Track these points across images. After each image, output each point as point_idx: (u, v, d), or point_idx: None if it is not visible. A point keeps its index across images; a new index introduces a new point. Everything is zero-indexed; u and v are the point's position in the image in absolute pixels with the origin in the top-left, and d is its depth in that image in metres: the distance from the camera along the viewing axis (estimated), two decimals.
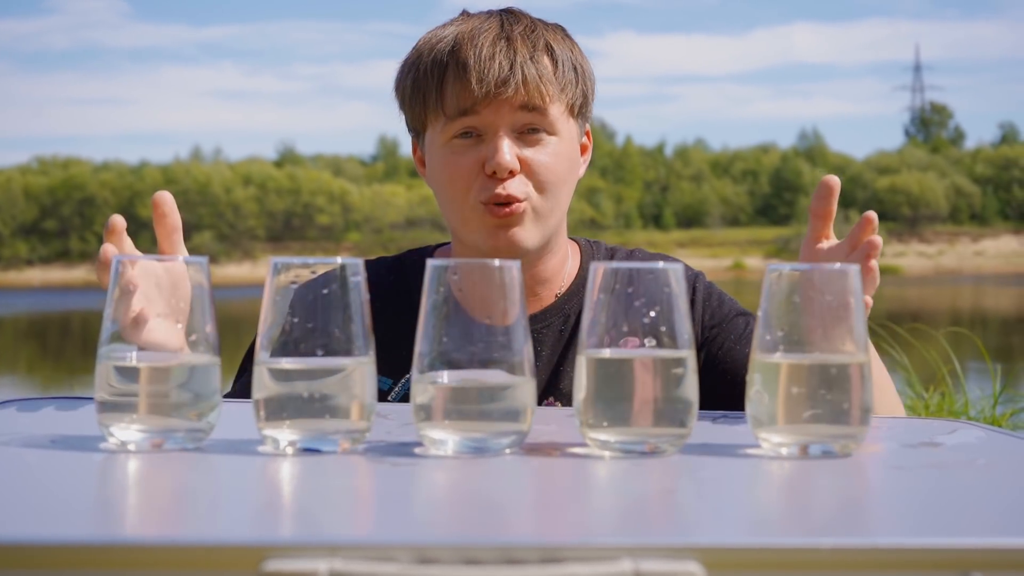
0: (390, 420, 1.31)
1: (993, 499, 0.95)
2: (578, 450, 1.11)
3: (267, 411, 1.09)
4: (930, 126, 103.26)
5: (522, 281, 1.10)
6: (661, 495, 0.97)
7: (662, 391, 1.07)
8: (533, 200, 1.67)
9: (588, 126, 1.79)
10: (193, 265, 1.14)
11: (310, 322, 1.08)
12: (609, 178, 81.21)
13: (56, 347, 21.43)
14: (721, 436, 1.25)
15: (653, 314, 1.07)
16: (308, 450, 1.08)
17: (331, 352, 1.08)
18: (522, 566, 0.75)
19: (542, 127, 1.67)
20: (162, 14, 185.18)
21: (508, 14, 1.72)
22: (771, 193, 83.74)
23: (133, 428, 1.10)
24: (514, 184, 1.66)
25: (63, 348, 20.97)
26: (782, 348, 1.10)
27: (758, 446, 1.12)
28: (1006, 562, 0.77)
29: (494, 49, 1.64)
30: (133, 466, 1.05)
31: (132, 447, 1.10)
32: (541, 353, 1.74)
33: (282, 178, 73.60)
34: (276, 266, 1.10)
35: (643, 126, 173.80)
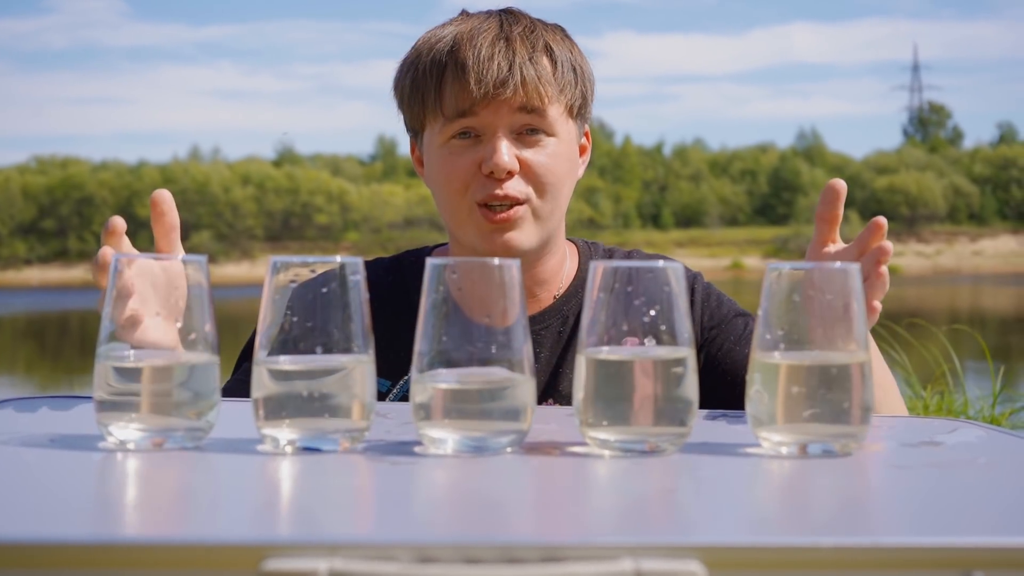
0: (390, 419, 1.31)
1: (994, 498, 0.95)
2: (578, 449, 1.11)
3: (266, 410, 1.08)
4: (928, 126, 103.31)
5: (522, 280, 1.09)
6: (661, 494, 0.97)
7: (662, 390, 1.07)
8: (532, 201, 1.67)
9: (587, 127, 1.79)
10: (192, 264, 1.14)
11: (309, 321, 1.08)
12: (607, 178, 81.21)
13: (54, 346, 21.42)
14: (721, 435, 1.25)
15: (653, 313, 1.07)
16: (308, 449, 1.08)
17: (330, 351, 1.08)
18: (522, 565, 0.75)
19: (541, 128, 1.67)
20: (161, 14, 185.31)
21: (507, 14, 1.71)
22: (769, 193, 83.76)
23: (132, 427, 1.10)
24: (513, 185, 1.65)
25: (61, 348, 20.96)
26: (782, 347, 1.10)
27: (758, 445, 1.12)
28: (1007, 561, 0.77)
29: (493, 50, 1.64)
30: (132, 465, 1.04)
31: (131, 446, 1.10)
32: (540, 355, 1.73)
33: (280, 178, 73.58)
34: (275, 265, 1.10)
35: (642, 126, 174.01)
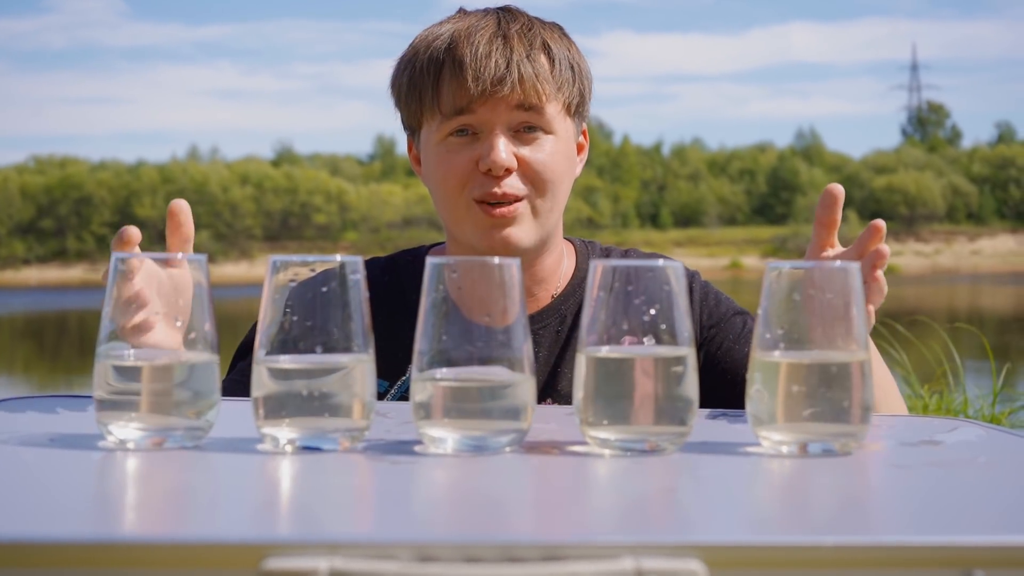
0: (389, 418, 1.31)
1: (994, 497, 0.95)
2: (578, 448, 1.11)
3: (266, 409, 1.08)
4: (927, 125, 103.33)
5: (522, 279, 1.09)
6: (662, 493, 0.97)
7: (662, 389, 1.07)
8: (530, 199, 1.66)
9: (585, 125, 1.78)
10: (192, 263, 1.14)
11: (309, 320, 1.08)
12: (606, 177, 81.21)
13: (53, 346, 21.42)
14: (721, 434, 1.25)
15: (653, 312, 1.07)
16: (308, 448, 1.08)
17: (330, 350, 1.08)
18: (523, 564, 0.75)
19: (539, 126, 1.67)
20: (159, 13, 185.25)
21: (505, 12, 1.71)
22: (768, 192, 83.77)
23: (132, 426, 1.10)
24: (510, 182, 1.65)
25: (60, 347, 20.96)
26: (782, 346, 1.10)
27: (758, 444, 1.12)
28: (1008, 560, 0.77)
29: (491, 47, 1.63)
30: (132, 464, 1.04)
31: (131, 445, 1.10)
32: (538, 354, 1.73)
33: (279, 177, 73.57)
34: (275, 264, 1.10)
35: (640, 125, 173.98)
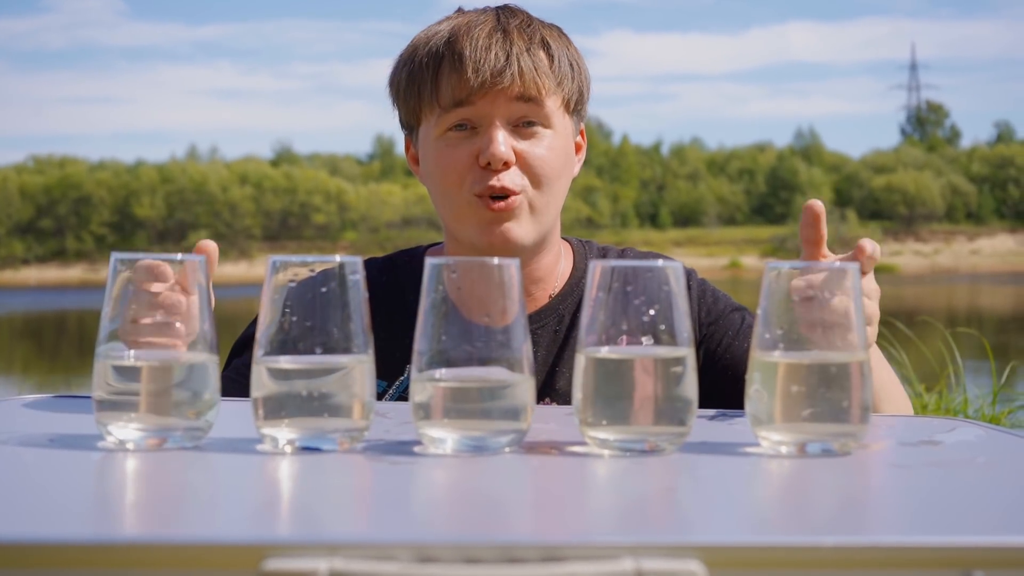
0: (389, 419, 1.31)
1: (994, 497, 0.95)
2: (578, 449, 1.11)
3: (266, 410, 1.08)
4: (926, 125, 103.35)
5: (521, 279, 1.09)
6: (661, 493, 0.97)
7: (662, 389, 1.07)
8: (529, 194, 1.66)
9: (583, 125, 1.79)
10: (191, 263, 1.14)
11: (309, 320, 1.08)
12: (605, 177, 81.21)
13: (52, 346, 21.41)
14: (721, 434, 1.25)
15: (652, 312, 1.07)
16: (307, 449, 1.08)
17: (330, 350, 1.08)
18: (522, 565, 0.75)
19: (538, 120, 1.67)
20: (158, 13, 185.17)
21: (505, 9, 1.72)
22: (767, 192, 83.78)
23: (131, 427, 1.10)
24: (509, 176, 1.64)
25: (59, 347, 20.95)
26: (781, 346, 1.10)
27: (758, 444, 1.12)
28: (1007, 560, 0.77)
29: (490, 40, 1.64)
30: (131, 465, 1.04)
31: (130, 446, 1.10)
32: (537, 354, 1.73)
33: (278, 177, 73.57)
34: (275, 264, 1.10)
35: (639, 125, 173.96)
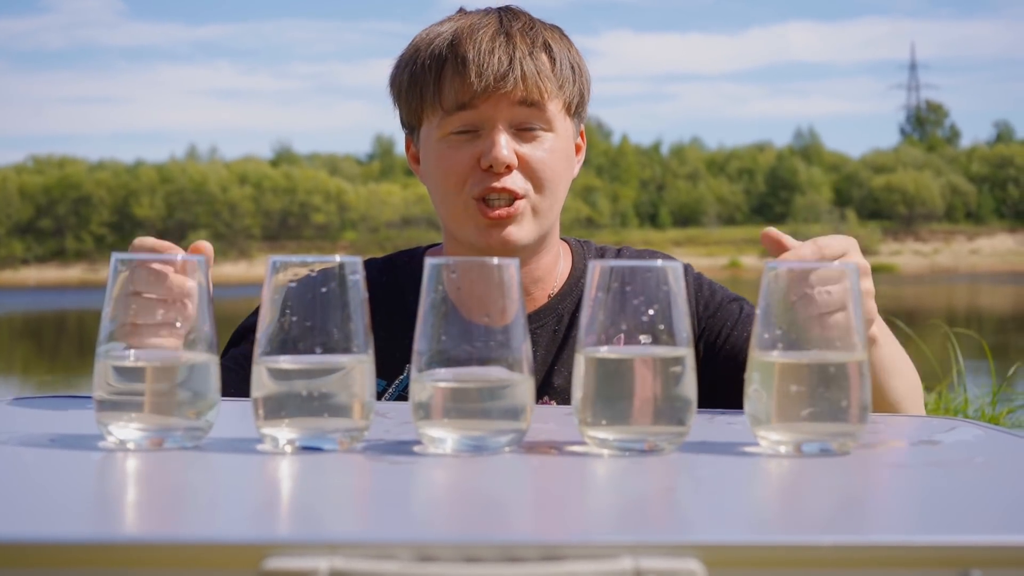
0: (389, 418, 1.31)
1: (992, 497, 0.95)
2: (577, 448, 1.11)
3: (266, 410, 1.08)
4: (926, 125, 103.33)
5: (520, 279, 1.10)
6: (660, 493, 0.97)
7: (661, 389, 1.07)
8: (530, 197, 1.67)
9: (582, 127, 1.79)
10: (191, 264, 1.14)
11: (309, 321, 1.08)
12: (605, 177, 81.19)
13: (52, 346, 21.41)
14: (720, 434, 1.25)
15: (652, 312, 1.07)
16: (307, 448, 1.08)
17: (330, 350, 1.08)
18: (522, 564, 0.75)
19: (539, 124, 1.67)
20: (158, 13, 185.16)
21: (507, 11, 1.72)
22: (767, 192, 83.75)
23: (132, 427, 1.10)
24: (511, 179, 1.65)
25: (59, 347, 20.95)
26: (780, 346, 1.10)
27: (757, 444, 1.12)
28: (1005, 560, 0.77)
29: (493, 44, 1.64)
30: (132, 465, 1.05)
31: (131, 446, 1.10)
32: (536, 353, 1.73)
33: (278, 177, 73.53)
34: (275, 265, 1.10)
35: (639, 125, 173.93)
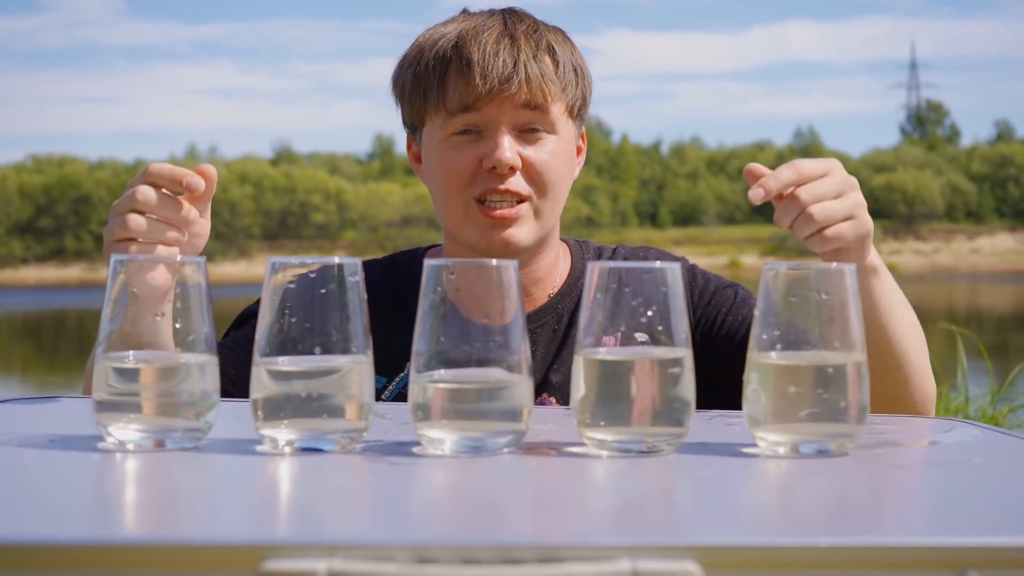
0: (388, 420, 1.31)
1: (990, 498, 0.95)
2: (576, 449, 1.11)
3: (265, 411, 1.09)
4: (926, 124, 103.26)
5: (519, 280, 1.10)
6: (659, 494, 0.97)
7: (659, 390, 1.07)
8: (533, 199, 1.68)
9: (583, 128, 1.80)
10: (191, 264, 1.14)
11: (308, 322, 1.08)
12: (605, 176, 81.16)
13: (51, 346, 21.41)
14: (718, 435, 1.25)
15: (650, 313, 1.07)
16: (306, 449, 1.08)
17: (329, 351, 1.08)
18: (520, 565, 0.75)
19: (542, 126, 1.68)
20: (157, 12, 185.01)
21: (511, 13, 1.73)
22: None
23: (131, 428, 1.10)
24: (514, 181, 1.66)
25: (58, 347, 20.95)
26: (779, 347, 1.10)
27: (755, 445, 1.12)
28: (1002, 561, 0.77)
29: (498, 46, 1.65)
30: (131, 466, 1.05)
31: (130, 447, 1.10)
32: (536, 353, 1.74)
33: (278, 176, 73.50)
34: (274, 265, 1.10)
35: (639, 124, 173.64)
